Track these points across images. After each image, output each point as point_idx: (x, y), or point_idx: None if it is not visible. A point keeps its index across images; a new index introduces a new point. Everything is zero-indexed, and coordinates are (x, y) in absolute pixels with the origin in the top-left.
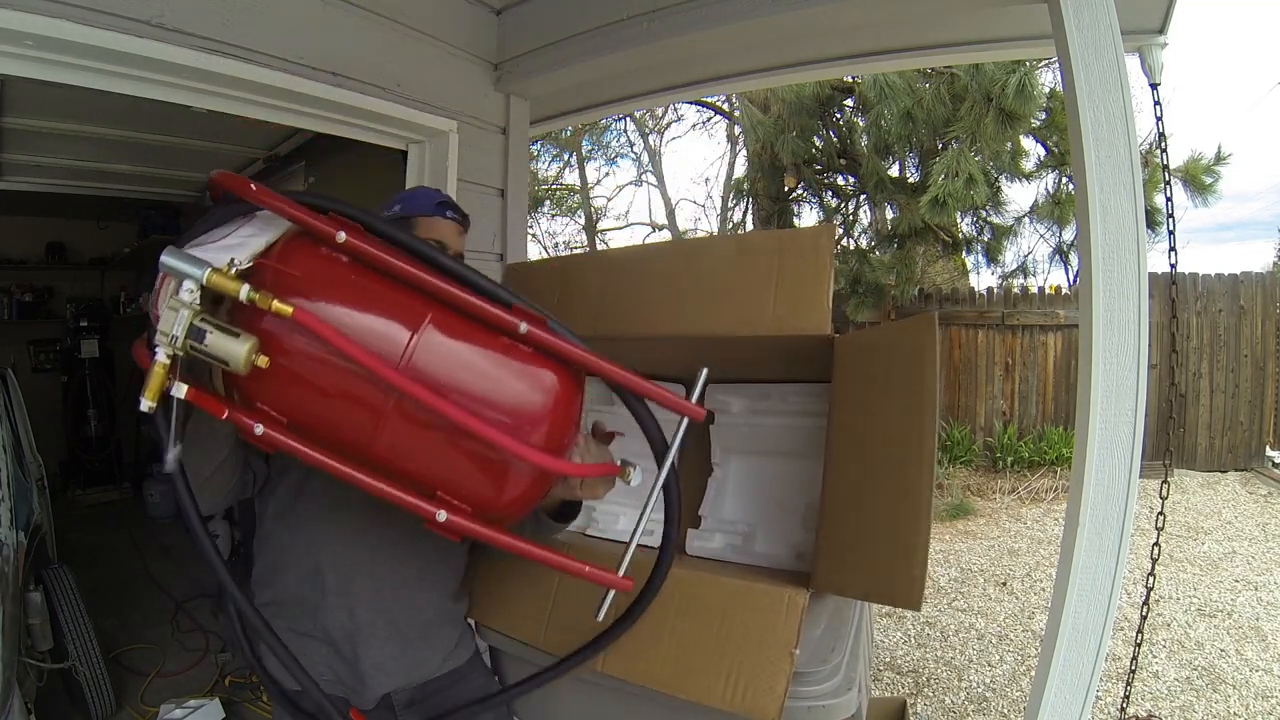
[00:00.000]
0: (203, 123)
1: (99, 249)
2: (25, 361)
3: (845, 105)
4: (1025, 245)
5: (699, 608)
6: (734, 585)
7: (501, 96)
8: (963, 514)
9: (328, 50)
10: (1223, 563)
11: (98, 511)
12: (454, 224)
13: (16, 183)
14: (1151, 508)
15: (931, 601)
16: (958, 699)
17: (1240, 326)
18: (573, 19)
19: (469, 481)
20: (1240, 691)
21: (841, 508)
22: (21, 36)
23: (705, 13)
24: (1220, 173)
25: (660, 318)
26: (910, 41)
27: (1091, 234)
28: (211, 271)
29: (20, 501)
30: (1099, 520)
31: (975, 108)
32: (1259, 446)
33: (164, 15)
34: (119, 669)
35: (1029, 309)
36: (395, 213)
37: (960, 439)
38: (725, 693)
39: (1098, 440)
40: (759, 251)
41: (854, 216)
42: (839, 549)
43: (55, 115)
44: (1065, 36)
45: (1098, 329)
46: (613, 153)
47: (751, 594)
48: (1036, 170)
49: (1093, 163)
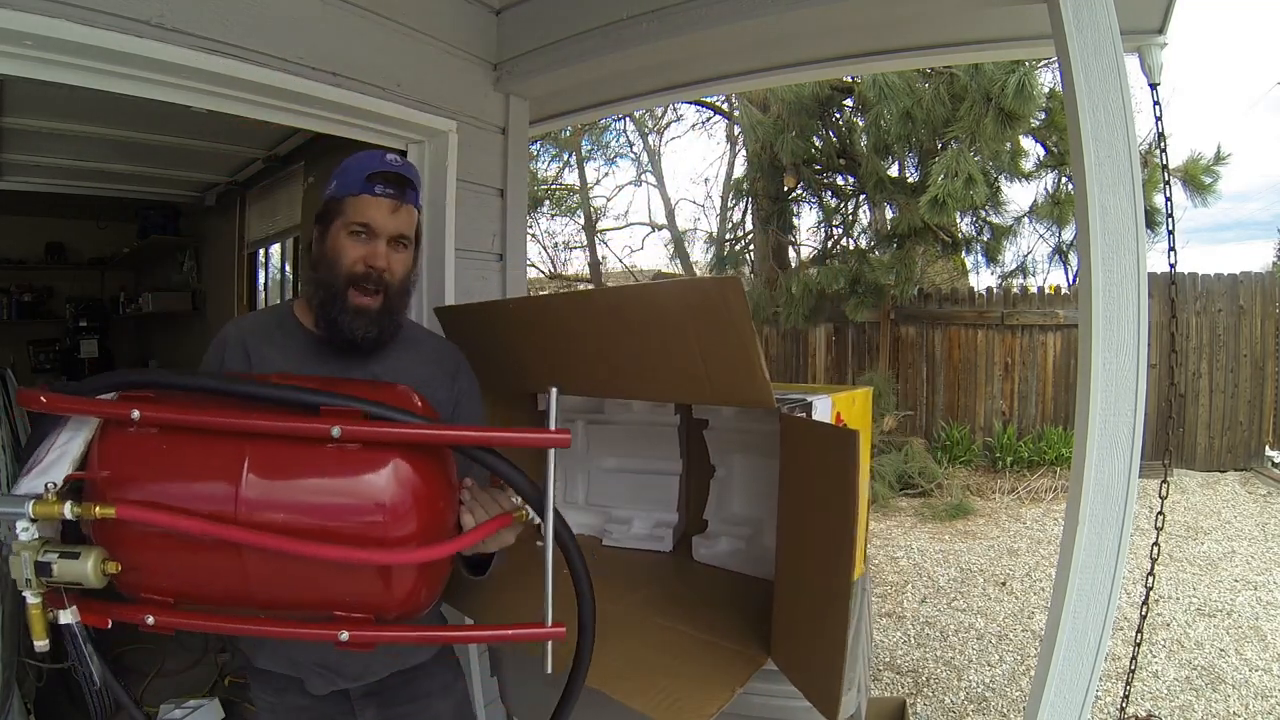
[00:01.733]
0: (203, 123)
1: (99, 249)
2: (25, 361)
3: (845, 105)
4: (1025, 245)
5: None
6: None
7: (501, 96)
8: (962, 514)
9: (327, 50)
10: (1222, 563)
11: None
12: (386, 199)
13: (16, 183)
14: (1151, 508)
15: (931, 601)
16: (957, 699)
17: (1240, 326)
18: (573, 19)
19: (357, 594)
20: (1240, 691)
21: (789, 581)
22: (21, 36)
23: (705, 13)
24: (1220, 173)
25: (599, 379)
26: (910, 41)
27: (1091, 234)
28: (34, 503)
29: None
30: (1099, 520)
31: (975, 108)
32: (1259, 446)
33: (164, 15)
34: (119, 669)
35: (1029, 309)
36: (331, 191)
37: (960, 439)
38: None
39: (1097, 440)
40: (672, 313)
41: (854, 216)
42: (788, 621)
43: (55, 115)
44: (1065, 36)
45: (1097, 329)
46: (612, 153)
47: (704, 666)
48: (1036, 170)
49: (1092, 163)
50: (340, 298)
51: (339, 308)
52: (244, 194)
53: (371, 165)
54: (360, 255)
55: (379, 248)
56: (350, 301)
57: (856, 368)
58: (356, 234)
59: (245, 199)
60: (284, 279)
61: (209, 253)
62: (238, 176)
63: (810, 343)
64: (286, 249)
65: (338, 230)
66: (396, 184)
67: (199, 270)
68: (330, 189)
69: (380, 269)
